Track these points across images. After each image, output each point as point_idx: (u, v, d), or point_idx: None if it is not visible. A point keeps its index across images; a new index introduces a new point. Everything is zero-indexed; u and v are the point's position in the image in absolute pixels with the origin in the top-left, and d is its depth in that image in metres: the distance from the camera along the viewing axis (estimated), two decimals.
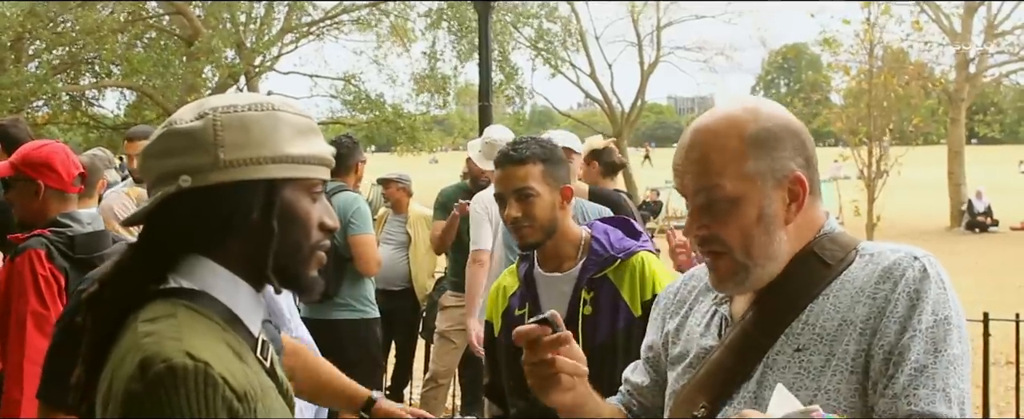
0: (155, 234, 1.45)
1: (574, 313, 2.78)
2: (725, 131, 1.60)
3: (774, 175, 1.59)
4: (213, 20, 22.52)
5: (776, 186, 1.59)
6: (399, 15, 25.19)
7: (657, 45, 34.68)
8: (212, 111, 1.42)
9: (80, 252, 3.09)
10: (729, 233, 1.59)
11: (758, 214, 1.58)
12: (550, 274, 2.89)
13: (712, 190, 1.59)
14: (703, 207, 1.61)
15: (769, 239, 1.59)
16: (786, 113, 1.65)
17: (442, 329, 6.12)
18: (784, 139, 1.60)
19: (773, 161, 1.59)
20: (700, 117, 1.68)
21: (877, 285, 1.53)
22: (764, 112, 1.62)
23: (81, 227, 3.13)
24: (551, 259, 2.90)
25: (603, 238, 2.87)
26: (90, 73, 25.31)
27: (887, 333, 1.49)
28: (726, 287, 1.66)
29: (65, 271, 3.04)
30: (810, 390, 1.52)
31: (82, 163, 4.78)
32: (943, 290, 1.51)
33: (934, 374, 1.45)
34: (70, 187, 3.19)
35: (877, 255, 1.58)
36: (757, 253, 1.59)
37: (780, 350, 1.58)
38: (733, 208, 1.58)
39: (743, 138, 1.58)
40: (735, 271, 1.61)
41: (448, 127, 32.37)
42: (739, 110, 1.62)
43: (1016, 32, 26.03)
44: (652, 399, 1.90)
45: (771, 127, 1.60)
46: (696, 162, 1.60)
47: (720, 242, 1.60)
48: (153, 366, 1.27)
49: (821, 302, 1.58)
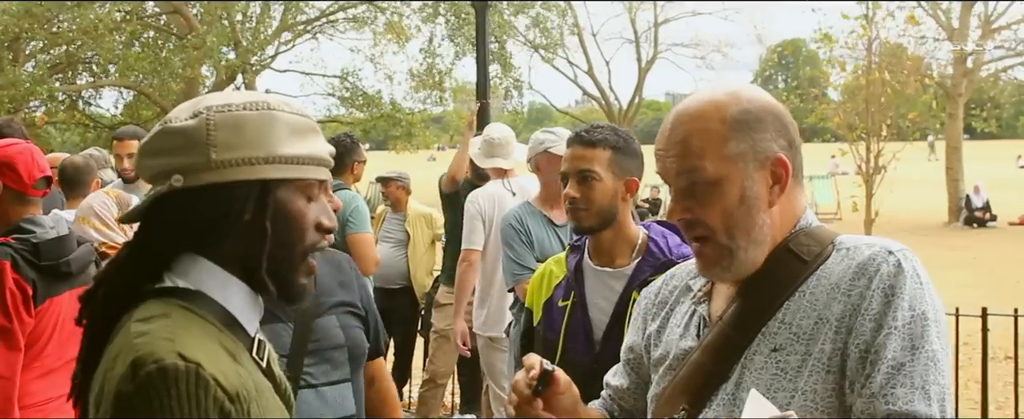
0: (149, 233, 1.44)
1: (623, 312, 2.72)
2: (706, 114, 1.59)
3: (756, 156, 1.58)
4: (209, 18, 22.49)
5: (758, 167, 1.58)
6: (395, 12, 25.16)
7: (654, 42, 34.75)
8: (206, 110, 1.41)
9: (46, 258, 2.99)
10: (712, 215, 1.58)
11: (740, 195, 1.57)
12: (601, 268, 2.83)
13: (694, 172, 1.58)
14: (685, 190, 1.60)
15: (752, 221, 1.58)
16: (768, 96, 1.65)
17: (439, 327, 6.11)
18: (766, 121, 1.59)
19: (755, 143, 1.58)
20: (682, 101, 1.67)
21: (852, 281, 1.51)
22: (745, 95, 1.61)
23: (45, 232, 3.02)
24: (605, 253, 2.84)
25: (661, 241, 2.82)
26: (87, 73, 25.29)
27: (863, 331, 1.46)
28: (712, 273, 1.64)
29: (33, 282, 2.95)
30: (788, 391, 1.50)
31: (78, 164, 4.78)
32: (919, 285, 1.48)
33: (912, 372, 1.42)
34: (31, 190, 3.07)
35: (853, 250, 1.56)
36: (741, 236, 1.57)
37: (757, 350, 1.56)
38: (715, 190, 1.57)
39: (724, 120, 1.57)
40: (721, 256, 1.59)
41: (446, 125, 32.35)
42: (720, 94, 1.62)
43: (1013, 27, 26.06)
44: (633, 402, 1.88)
45: (752, 109, 1.59)
46: (677, 145, 1.60)
47: (703, 225, 1.59)
48: (144, 367, 1.26)
49: (797, 299, 1.56)
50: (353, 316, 2.51)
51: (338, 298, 2.49)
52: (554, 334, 2.85)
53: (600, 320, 2.78)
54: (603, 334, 2.75)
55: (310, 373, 2.36)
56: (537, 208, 4.31)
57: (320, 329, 2.40)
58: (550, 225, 4.24)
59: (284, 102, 1.47)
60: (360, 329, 2.52)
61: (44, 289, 2.99)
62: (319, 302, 2.43)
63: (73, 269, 3.09)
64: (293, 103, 1.49)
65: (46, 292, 3.00)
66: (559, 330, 2.84)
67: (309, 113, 1.49)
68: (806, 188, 1.79)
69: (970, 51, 25.71)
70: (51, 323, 3.03)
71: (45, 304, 3.00)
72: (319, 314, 2.42)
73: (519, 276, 4.05)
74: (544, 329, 2.89)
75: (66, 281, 3.08)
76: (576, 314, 2.82)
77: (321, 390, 2.37)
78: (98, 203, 3.78)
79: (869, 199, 17.01)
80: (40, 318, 2.99)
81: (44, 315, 3.00)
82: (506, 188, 5.19)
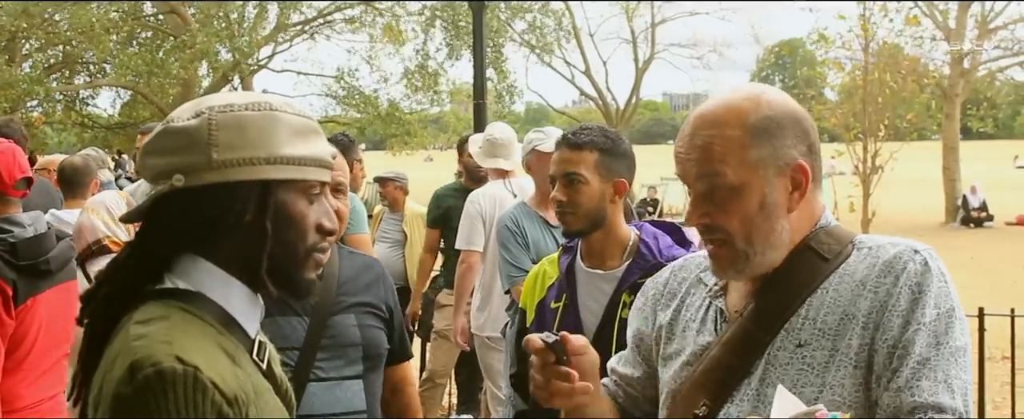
0: (150, 233, 1.44)
1: (612, 314, 2.73)
2: (727, 119, 1.59)
3: (776, 163, 1.58)
4: (205, 19, 22.47)
5: (778, 174, 1.58)
6: (392, 15, 25.14)
7: (651, 42, 34.71)
8: (209, 110, 1.41)
9: (24, 258, 2.98)
10: (730, 221, 1.58)
11: (760, 202, 1.57)
12: (592, 270, 2.83)
13: (714, 178, 1.58)
14: (705, 195, 1.60)
15: (771, 227, 1.58)
16: (789, 101, 1.64)
17: (439, 328, 6.11)
18: (787, 127, 1.59)
19: (775, 149, 1.58)
20: (703, 104, 1.66)
21: (879, 278, 1.53)
22: (766, 100, 1.60)
23: (23, 231, 3.01)
24: (596, 254, 2.84)
25: (652, 242, 2.81)
26: (85, 73, 25.27)
27: (890, 327, 1.48)
28: (726, 274, 1.65)
29: (12, 282, 2.93)
30: (815, 386, 1.51)
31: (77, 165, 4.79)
32: (944, 283, 1.52)
33: (936, 366, 1.45)
34: (11, 190, 3.06)
35: (876, 248, 1.58)
36: (759, 241, 1.58)
37: (781, 346, 1.57)
38: (735, 196, 1.57)
39: (745, 127, 1.57)
40: (736, 259, 1.60)
41: (443, 125, 32.34)
42: (741, 98, 1.61)
43: (1010, 27, 26.10)
44: (642, 390, 1.87)
45: (773, 115, 1.59)
46: (698, 150, 1.59)
47: (722, 230, 1.59)
48: (142, 370, 1.26)
49: (820, 296, 1.57)
50: (374, 317, 2.53)
51: (360, 298, 2.51)
52: None
53: (591, 322, 2.78)
54: (594, 336, 2.75)
55: (321, 367, 2.38)
56: (533, 209, 4.31)
57: (336, 325, 2.43)
58: (546, 226, 4.23)
59: (286, 103, 1.47)
60: (380, 330, 2.54)
61: (25, 289, 2.98)
62: (338, 299, 2.45)
63: (53, 266, 3.08)
64: (295, 104, 1.49)
65: (27, 291, 2.99)
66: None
67: (311, 114, 1.49)
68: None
69: (967, 51, 25.73)
70: (35, 323, 3.03)
71: (27, 303, 3.00)
72: (337, 311, 2.44)
73: (515, 278, 4.05)
74: (536, 331, 2.88)
75: (46, 279, 3.07)
76: (568, 316, 2.82)
77: (330, 384, 2.39)
78: (111, 200, 3.86)
79: (866, 199, 17.01)
80: (22, 318, 2.98)
81: (26, 314, 3.00)
82: (507, 189, 5.16)
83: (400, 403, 2.74)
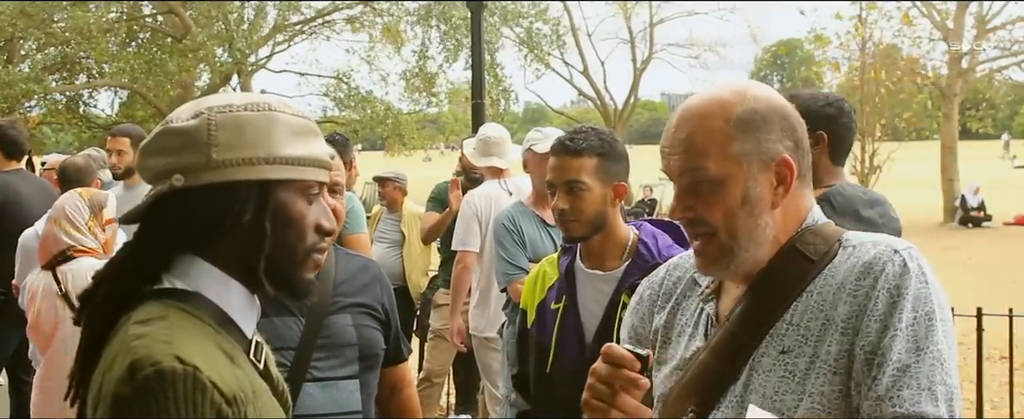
0: (149, 233, 1.44)
1: (612, 315, 2.72)
2: (711, 112, 1.58)
3: (760, 157, 1.57)
4: (203, 19, 22.45)
5: (762, 168, 1.57)
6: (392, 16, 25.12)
7: (650, 42, 34.77)
8: (208, 110, 1.42)
9: None
10: (713, 214, 1.57)
11: (743, 196, 1.56)
12: (592, 271, 2.83)
13: (697, 171, 1.57)
14: (688, 188, 1.59)
15: (754, 222, 1.57)
16: (776, 95, 1.63)
17: (436, 328, 6.11)
18: (772, 121, 1.58)
19: (760, 143, 1.57)
20: (689, 99, 1.66)
21: (858, 281, 1.49)
22: (751, 94, 1.60)
23: None
24: (595, 256, 2.84)
25: (651, 242, 2.80)
26: (83, 73, 25.24)
27: (868, 332, 1.45)
28: (711, 270, 1.64)
29: None
30: (795, 394, 1.49)
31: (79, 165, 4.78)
32: (925, 284, 1.47)
33: (918, 373, 1.41)
34: None
35: (858, 248, 1.55)
36: (742, 235, 1.56)
37: (765, 352, 1.55)
38: (718, 189, 1.56)
39: (729, 119, 1.56)
40: (721, 254, 1.58)
41: (441, 126, 32.33)
42: (727, 92, 1.60)
43: (1008, 27, 26.12)
44: None
45: (758, 108, 1.58)
46: (682, 143, 1.58)
47: (705, 224, 1.58)
48: (142, 370, 1.26)
49: (805, 300, 1.54)
50: (370, 318, 2.53)
51: (357, 299, 2.52)
52: (546, 337, 2.85)
53: (591, 323, 2.79)
54: (594, 337, 2.75)
55: (317, 367, 2.38)
56: (529, 208, 4.31)
57: (332, 325, 2.43)
58: (543, 225, 4.24)
59: (284, 103, 1.47)
60: (376, 330, 2.54)
61: None
62: (335, 300, 2.46)
63: None
64: (293, 104, 1.49)
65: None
66: (551, 333, 2.84)
67: (309, 115, 1.50)
68: None
69: (965, 51, 25.76)
70: None
71: None
72: (333, 311, 2.45)
73: (512, 276, 4.05)
74: (537, 332, 2.89)
75: None
76: (568, 318, 2.82)
77: (326, 384, 2.39)
78: (70, 205, 3.70)
79: None
80: None
81: None
82: (502, 188, 5.17)
83: (398, 403, 2.74)
